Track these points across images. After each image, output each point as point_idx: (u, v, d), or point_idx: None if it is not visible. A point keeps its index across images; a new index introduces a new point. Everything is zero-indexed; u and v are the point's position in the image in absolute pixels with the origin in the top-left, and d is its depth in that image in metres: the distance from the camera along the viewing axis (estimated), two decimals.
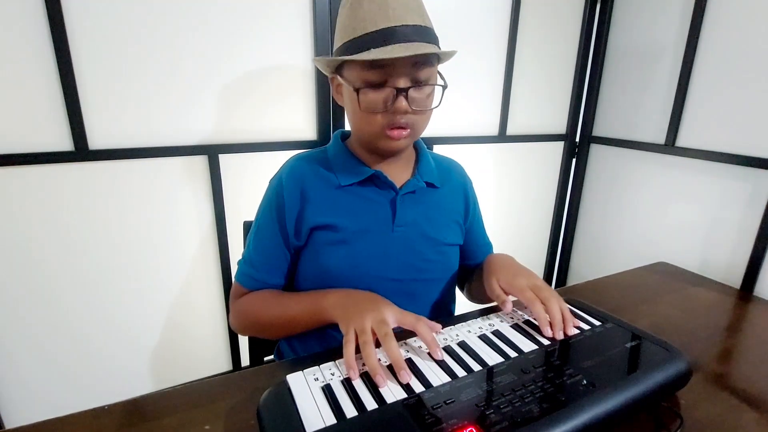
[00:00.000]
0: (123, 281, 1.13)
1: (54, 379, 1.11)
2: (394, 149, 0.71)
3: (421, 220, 0.76)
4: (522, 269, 0.75)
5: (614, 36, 1.53)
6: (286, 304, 0.72)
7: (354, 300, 0.65)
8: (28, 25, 0.91)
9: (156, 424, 0.55)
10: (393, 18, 0.62)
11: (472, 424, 0.46)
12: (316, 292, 0.71)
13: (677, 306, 0.94)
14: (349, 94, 0.68)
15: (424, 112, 0.69)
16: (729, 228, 1.22)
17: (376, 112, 0.66)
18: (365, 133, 0.70)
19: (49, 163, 0.98)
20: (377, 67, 0.63)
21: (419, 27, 0.64)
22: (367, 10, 0.62)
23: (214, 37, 1.07)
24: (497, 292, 0.72)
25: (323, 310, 0.67)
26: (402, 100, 0.64)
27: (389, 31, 0.62)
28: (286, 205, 0.72)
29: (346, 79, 0.67)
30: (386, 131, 0.67)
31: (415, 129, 0.69)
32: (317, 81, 1.20)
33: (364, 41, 0.62)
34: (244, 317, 0.76)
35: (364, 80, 0.65)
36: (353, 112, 0.69)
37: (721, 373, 0.70)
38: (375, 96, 0.65)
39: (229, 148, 1.15)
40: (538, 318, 0.66)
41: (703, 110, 1.27)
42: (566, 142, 1.67)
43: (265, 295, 0.75)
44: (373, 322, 0.59)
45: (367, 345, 0.56)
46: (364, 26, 0.62)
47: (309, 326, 0.71)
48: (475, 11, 1.36)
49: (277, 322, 0.73)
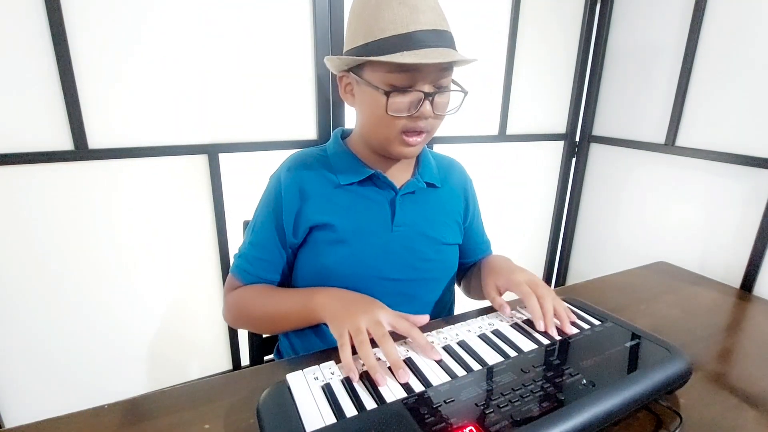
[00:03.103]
0: (123, 280, 1.13)
1: (54, 378, 1.11)
2: (407, 154, 0.70)
3: (420, 220, 0.76)
4: (519, 268, 0.75)
5: (614, 36, 1.53)
6: (277, 301, 0.72)
7: (345, 301, 0.65)
8: (28, 25, 0.91)
9: (156, 423, 0.55)
10: (424, 22, 0.61)
11: (472, 424, 0.46)
12: (307, 291, 0.70)
13: (677, 306, 0.94)
14: (369, 96, 0.66)
15: (442, 117, 0.69)
16: (729, 228, 1.22)
17: (399, 117, 0.65)
18: (381, 136, 0.69)
19: (49, 163, 0.98)
20: (405, 70, 0.62)
21: (445, 32, 0.64)
22: (397, 11, 0.61)
23: (214, 36, 1.07)
24: (493, 295, 0.72)
25: (313, 310, 0.66)
26: (427, 105, 0.64)
27: (419, 35, 0.61)
28: (284, 203, 0.72)
29: (366, 80, 0.66)
30: (404, 136, 0.67)
31: (430, 134, 0.70)
32: (317, 80, 1.20)
33: (393, 43, 0.61)
34: (236, 310, 0.76)
35: (388, 83, 0.63)
36: (371, 113, 0.68)
37: (721, 372, 0.70)
38: (402, 100, 0.64)
39: (230, 148, 1.15)
40: (531, 311, 0.66)
41: (703, 110, 1.27)
42: (566, 141, 1.68)
43: (258, 289, 0.75)
44: (368, 323, 0.59)
45: (364, 344, 0.56)
46: (394, 28, 0.61)
47: (299, 325, 0.71)
48: (475, 10, 1.36)
49: (267, 318, 0.73)
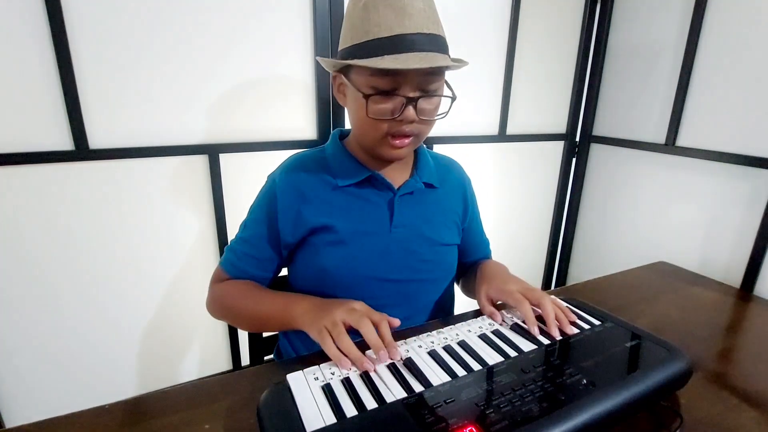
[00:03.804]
0: (123, 280, 1.13)
1: (54, 378, 1.11)
2: (394, 157, 0.70)
3: (419, 221, 0.76)
4: (513, 277, 0.75)
5: (614, 36, 1.53)
6: (259, 302, 0.72)
7: (319, 305, 0.65)
8: (28, 25, 0.91)
9: (156, 423, 0.55)
10: (409, 26, 0.60)
11: (472, 424, 0.46)
12: (289, 297, 0.70)
13: (677, 305, 0.94)
14: (354, 98, 0.66)
15: (430, 122, 0.68)
16: (729, 227, 1.22)
17: (383, 120, 0.64)
18: (368, 138, 0.68)
19: (49, 163, 0.98)
20: (387, 74, 0.61)
21: (434, 36, 0.62)
22: (382, 14, 0.59)
23: (214, 36, 1.07)
24: (483, 303, 0.72)
25: (292, 318, 0.66)
26: (410, 109, 0.63)
27: (404, 38, 0.59)
28: (279, 205, 0.72)
29: (352, 82, 0.65)
30: (389, 139, 0.66)
31: (418, 137, 0.69)
32: (317, 80, 1.20)
33: (376, 46, 0.60)
34: (220, 303, 0.76)
35: (372, 86, 0.62)
36: (357, 116, 0.68)
37: (721, 372, 0.70)
38: (383, 104, 0.63)
39: (230, 148, 1.15)
40: (526, 317, 0.65)
41: (703, 110, 1.27)
42: (566, 141, 1.67)
43: (242, 286, 0.75)
44: (342, 315, 0.59)
45: (341, 336, 0.56)
46: (378, 31, 0.60)
47: (278, 329, 0.72)
48: (475, 10, 1.35)
49: (248, 316, 0.73)
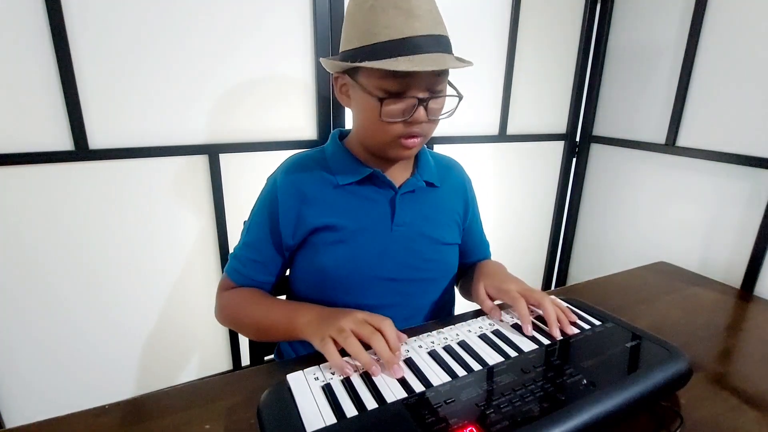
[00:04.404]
0: (123, 281, 1.13)
1: (54, 378, 1.11)
2: (404, 157, 0.71)
3: (420, 220, 0.76)
4: (511, 276, 0.75)
5: (614, 36, 1.53)
6: (265, 310, 0.71)
7: (324, 316, 0.64)
8: (28, 25, 0.91)
9: (156, 423, 0.55)
10: (419, 28, 0.60)
11: (473, 424, 0.46)
12: (293, 307, 0.70)
13: (677, 305, 0.94)
14: (362, 100, 0.66)
15: (437, 121, 0.70)
16: (729, 228, 1.22)
17: (395, 122, 0.65)
18: (377, 139, 0.69)
19: (49, 163, 0.98)
20: (399, 77, 0.61)
21: (440, 37, 0.63)
22: (391, 16, 0.60)
23: (214, 36, 1.07)
24: (482, 297, 0.72)
25: (296, 328, 0.66)
26: (421, 110, 0.64)
27: (414, 40, 0.60)
28: (280, 207, 0.72)
29: (360, 84, 0.65)
30: (400, 140, 0.67)
31: (426, 136, 0.70)
32: (317, 80, 1.20)
33: (387, 48, 0.60)
34: (227, 312, 0.76)
35: (382, 88, 0.63)
36: (365, 118, 0.68)
37: (722, 372, 0.70)
38: (395, 106, 0.64)
39: (230, 148, 1.15)
40: (520, 316, 0.66)
41: (703, 110, 1.27)
42: (566, 141, 1.67)
43: (248, 295, 0.75)
44: (351, 324, 0.58)
45: (350, 340, 0.56)
46: (388, 33, 0.60)
47: (283, 338, 0.72)
48: (475, 10, 1.35)
49: (254, 326, 0.73)
